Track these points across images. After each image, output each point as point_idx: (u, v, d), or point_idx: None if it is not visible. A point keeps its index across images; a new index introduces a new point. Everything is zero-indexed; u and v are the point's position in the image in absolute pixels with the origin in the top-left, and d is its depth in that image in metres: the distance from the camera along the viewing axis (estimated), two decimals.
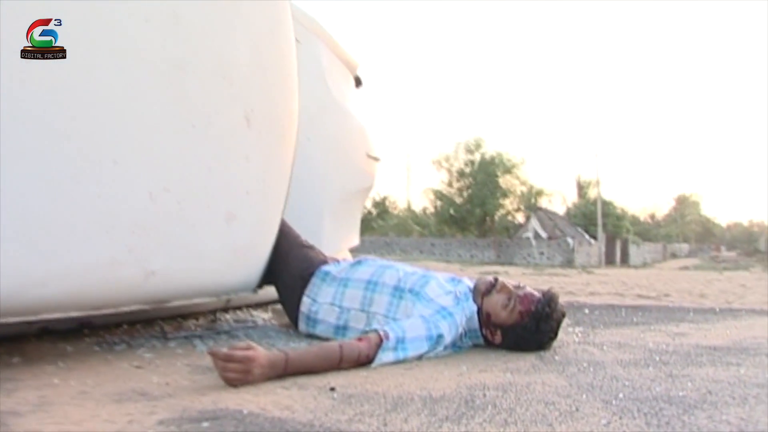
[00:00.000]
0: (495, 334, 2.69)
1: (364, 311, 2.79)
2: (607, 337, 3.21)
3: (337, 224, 4.31)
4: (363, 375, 2.14)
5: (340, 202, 4.33)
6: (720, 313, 4.67)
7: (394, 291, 2.77)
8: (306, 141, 3.61)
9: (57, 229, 1.98)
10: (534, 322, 2.62)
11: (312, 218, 3.92)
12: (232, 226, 2.57)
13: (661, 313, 4.62)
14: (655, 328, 3.64)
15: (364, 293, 2.82)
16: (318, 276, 2.96)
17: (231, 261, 2.67)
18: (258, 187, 2.71)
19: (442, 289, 2.73)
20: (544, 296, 2.67)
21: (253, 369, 1.94)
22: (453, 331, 2.58)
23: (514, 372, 2.26)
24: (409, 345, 2.41)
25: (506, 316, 2.64)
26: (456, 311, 2.63)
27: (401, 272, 2.86)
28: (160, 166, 2.24)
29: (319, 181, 4.00)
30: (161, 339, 2.79)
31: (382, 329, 2.39)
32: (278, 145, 2.85)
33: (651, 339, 3.14)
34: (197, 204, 2.40)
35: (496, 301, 2.66)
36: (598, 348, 2.82)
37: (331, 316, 2.84)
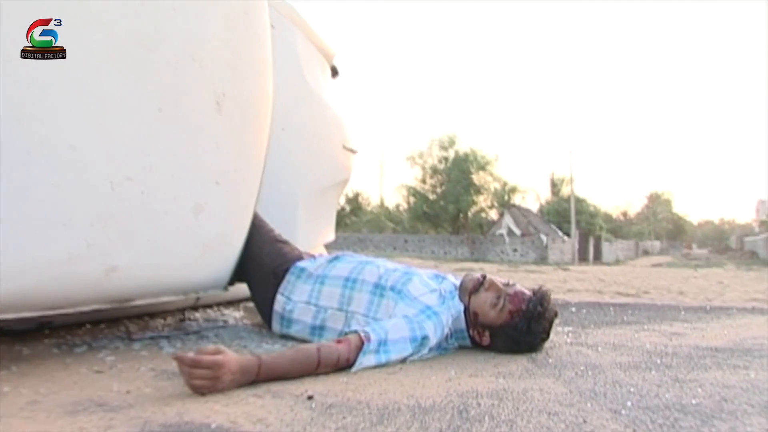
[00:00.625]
0: (483, 335, 2.54)
1: (342, 310, 2.62)
2: (600, 337, 3.07)
3: (312, 218, 4.13)
4: (343, 381, 1.97)
5: (315, 196, 4.14)
6: (712, 312, 4.55)
7: (375, 289, 2.61)
8: (280, 131, 3.46)
9: (6, 222, 1.78)
10: (525, 322, 2.47)
11: (286, 212, 3.74)
12: (200, 219, 2.38)
13: (651, 311, 4.48)
14: (649, 327, 3.51)
15: (342, 291, 2.65)
16: (293, 273, 2.79)
17: (199, 256, 2.48)
18: (229, 177, 2.53)
19: (426, 287, 2.56)
20: (536, 294, 2.52)
21: (222, 376, 1.77)
22: (438, 332, 2.42)
23: (507, 377, 2.10)
24: (391, 347, 2.24)
25: (495, 315, 2.48)
26: (441, 311, 2.47)
27: (382, 269, 2.69)
28: (123, 153, 2.04)
29: (293, 173, 3.82)
30: (125, 340, 2.61)
31: (362, 330, 2.22)
32: (251, 132, 2.67)
33: (647, 339, 3.01)
34: (163, 195, 2.20)
35: (484, 299, 2.51)
36: (593, 349, 2.68)
37: (306, 316, 2.67)
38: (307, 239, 3.96)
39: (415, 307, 2.43)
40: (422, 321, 2.36)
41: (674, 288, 8.96)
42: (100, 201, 1.99)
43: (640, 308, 4.76)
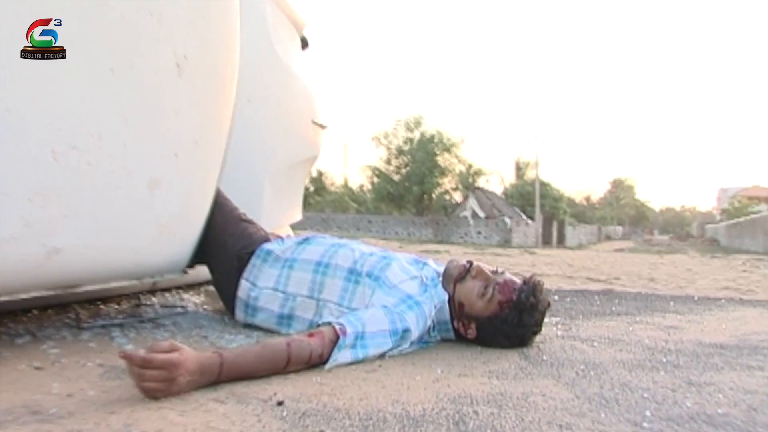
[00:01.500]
0: (469, 327, 2.33)
1: (312, 298, 2.39)
2: (593, 330, 2.88)
3: (278, 197, 3.88)
4: (316, 382, 1.74)
5: (282, 173, 3.89)
6: (701, 303, 4.40)
7: (349, 275, 2.38)
8: (246, 103, 3.21)
9: None
10: (516, 313, 2.27)
11: (251, 189, 3.52)
12: (156, 195, 2.12)
13: (639, 301, 4.31)
14: (641, 319, 3.33)
15: (313, 277, 2.42)
16: (258, 256, 2.54)
17: (155, 237, 2.22)
18: (189, 149, 2.27)
19: (405, 274, 2.34)
20: (527, 284, 2.32)
21: (177, 377, 1.52)
22: (421, 324, 2.20)
23: (501, 377, 1.89)
24: (369, 341, 2.02)
25: (483, 306, 2.27)
26: (424, 300, 2.25)
27: (357, 252, 2.46)
28: (67, 117, 1.78)
29: (259, 148, 3.57)
30: (74, 328, 2.35)
31: (337, 322, 1.99)
32: (215, 100, 2.41)
33: (643, 333, 2.83)
34: (113, 167, 1.94)
35: (470, 288, 2.30)
36: (588, 344, 2.48)
37: (273, 304, 2.43)
38: (273, 219, 3.73)
39: (395, 296, 2.21)
40: (403, 312, 2.15)
41: (644, 274, 8.91)
42: (40, 173, 1.72)
43: (626, 297, 4.61)
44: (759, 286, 7.25)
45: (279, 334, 2.39)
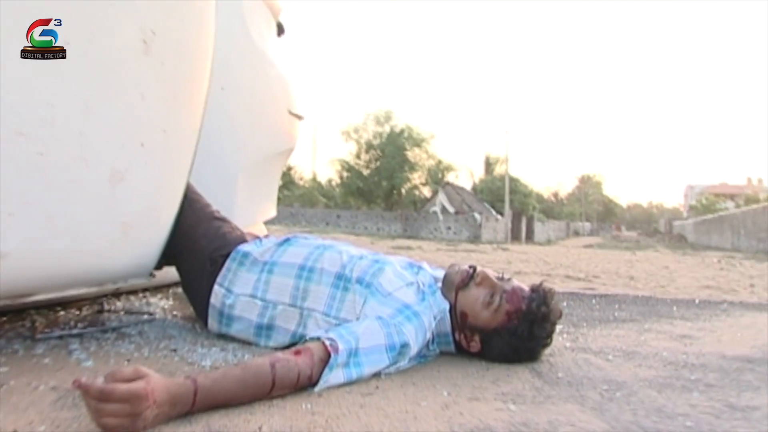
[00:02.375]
0: (472, 339, 2.10)
1: (295, 307, 2.13)
2: (602, 340, 2.66)
3: (252, 192, 3.62)
4: (307, 410, 1.49)
5: (256, 166, 3.63)
6: (705, 307, 4.20)
7: (337, 280, 2.13)
8: (219, 90, 2.96)
9: None
10: (526, 325, 2.04)
11: (223, 184, 3.25)
12: (118, 190, 1.86)
13: (640, 305, 4.11)
14: (650, 327, 3.12)
15: (295, 282, 2.16)
16: (234, 259, 2.28)
17: (117, 238, 1.95)
18: (156, 138, 2.00)
19: (401, 280, 2.10)
20: (537, 292, 2.10)
21: (143, 411, 1.27)
22: (420, 337, 1.97)
23: (517, 401, 1.66)
24: (364, 359, 1.78)
25: (489, 316, 2.05)
26: (422, 310, 2.01)
27: (345, 255, 2.21)
28: (14, 100, 1.52)
29: (233, 140, 3.32)
30: (28, 340, 2.09)
31: (327, 337, 1.74)
32: (186, 83, 2.15)
33: (657, 344, 2.61)
34: (69, 157, 1.68)
35: (475, 296, 2.07)
36: (603, 358, 2.26)
37: (251, 312, 2.17)
38: (247, 216, 3.48)
39: (391, 306, 1.97)
40: (400, 324, 1.91)
41: (623, 272, 8.77)
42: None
43: (625, 301, 4.40)
44: (739, 285, 7.19)
45: (257, 347, 2.14)
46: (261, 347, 2.14)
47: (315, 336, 1.77)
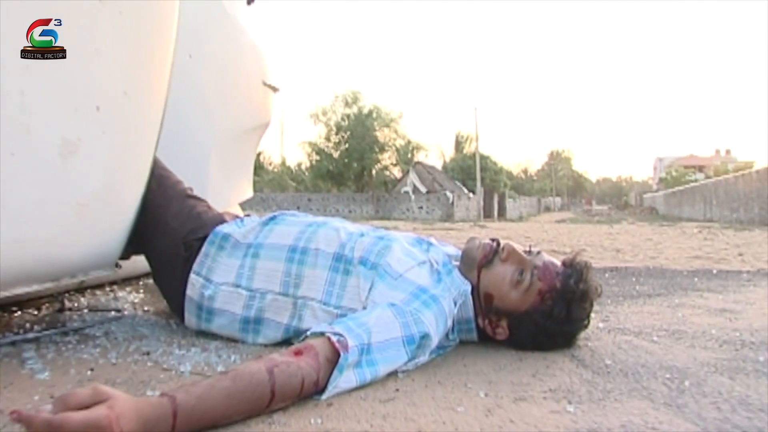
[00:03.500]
0: (498, 325, 1.81)
1: (288, 296, 1.82)
2: (636, 318, 2.39)
3: (226, 171, 3.30)
4: (318, 426, 1.18)
5: (230, 142, 3.30)
6: (723, 277, 3.97)
7: (336, 262, 1.82)
8: (188, 58, 2.70)
9: None
10: (562, 305, 1.75)
11: (194, 161, 2.95)
12: (71, 164, 1.54)
13: (656, 278, 3.86)
14: (681, 302, 2.85)
15: (286, 267, 1.84)
16: (212, 242, 1.95)
17: (71, 223, 1.63)
18: (116, 102, 1.68)
19: (411, 258, 1.81)
20: (572, 266, 1.82)
21: None
22: (441, 326, 1.67)
23: (572, 399, 1.36)
24: (378, 356, 1.47)
25: (518, 297, 1.76)
26: (441, 294, 1.72)
27: (342, 232, 1.90)
28: None
29: (203, 113, 3.02)
30: None
31: (333, 332, 1.42)
32: (149, 38, 1.83)
33: (700, 321, 2.35)
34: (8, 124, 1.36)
35: (501, 275, 1.78)
36: (647, 339, 1.99)
37: (235, 304, 1.86)
38: (221, 197, 3.16)
39: (404, 290, 1.67)
40: (417, 311, 1.60)
41: (607, 245, 8.59)
42: None
43: (640, 274, 4.14)
44: (728, 255, 7.06)
45: (244, 344, 1.83)
46: (249, 344, 1.83)
47: (318, 330, 1.45)
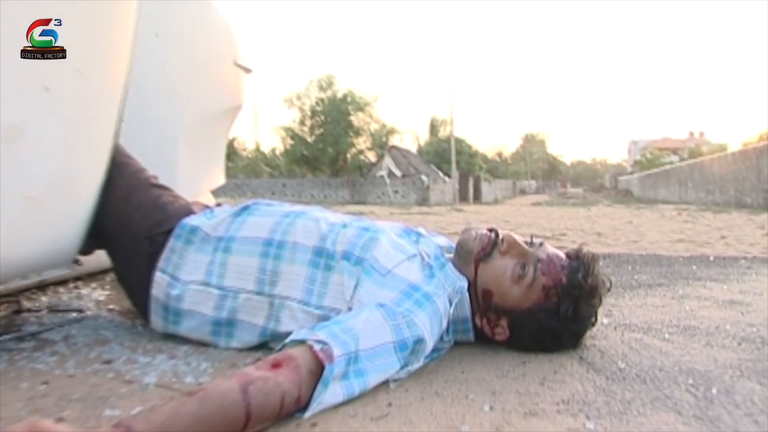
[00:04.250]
0: (497, 325, 1.65)
1: (263, 294, 1.64)
2: (641, 312, 2.23)
3: (197, 156, 3.10)
4: None
5: (200, 126, 3.11)
6: (721, 264, 3.83)
7: (316, 257, 1.64)
8: (153, 37, 2.56)
9: None
10: (569, 302, 1.59)
11: (162, 148, 2.78)
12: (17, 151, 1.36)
13: (652, 266, 3.71)
14: (685, 292, 2.69)
15: (261, 262, 1.66)
16: (179, 236, 1.76)
17: (19, 218, 1.45)
18: (68, 81, 1.50)
19: (400, 252, 1.64)
20: (579, 258, 1.65)
21: None
22: (436, 328, 1.51)
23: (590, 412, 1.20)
24: (368, 364, 1.30)
25: (520, 294, 1.59)
26: (434, 291, 1.55)
27: (323, 223, 1.72)
28: None
29: (171, 95, 2.83)
30: None
31: (315, 339, 1.25)
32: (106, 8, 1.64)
33: (711, 314, 2.19)
34: None
35: (501, 269, 1.61)
36: (658, 337, 1.84)
37: (205, 305, 1.67)
38: (192, 184, 2.99)
39: (393, 288, 1.50)
40: (410, 312, 1.44)
41: (587, 228, 8.53)
42: None
43: (636, 262, 3.98)
44: (711, 238, 7.04)
45: (216, 349, 1.66)
46: (222, 349, 1.66)
47: (298, 338, 1.28)
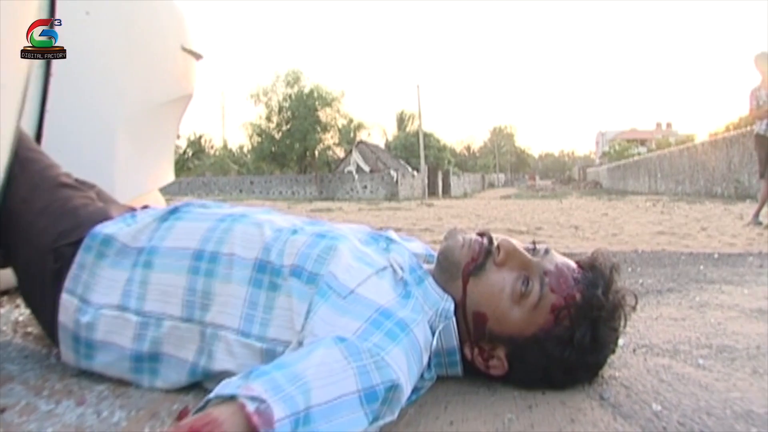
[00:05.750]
0: (492, 356, 1.31)
1: (193, 322, 1.29)
2: (660, 328, 1.90)
3: (139, 151, 2.76)
4: None
5: (142, 117, 2.76)
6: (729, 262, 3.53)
7: (258, 273, 1.29)
8: (84, 16, 2.33)
9: None
10: (587, 326, 1.25)
11: (96, 140, 2.47)
12: None
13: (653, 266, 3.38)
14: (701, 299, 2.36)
15: (190, 281, 1.31)
16: (89, 248, 1.40)
17: None
18: None
19: (366, 265, 1.29)
20: (594, 268, 1.32)
21: None
22: (415, 366, 1.17)
23: None
24: (323, 426, 0.94)
25: (523, 317, 1.26)
26: (412, 316, 1.21)
27: (267, 229, 1.36)
28: None
29: (107, 82, 2.51)
30: None
31: (248, 395, 0.91)
32: None
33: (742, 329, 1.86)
34: None
35: (498, 285, 1.28)
36: (689, 362, 1.52)
37: (122, 335, 1.32)
38: (133, 181, 2.69)
39: (358, 315, 1.16)
40: (380, 349, 1.09)
41: (563, 221, 8.32)
42: None
43: (634, 260, 3.65)
44: (692, 230, 6.87)
45: (139, 389, 1.32)
46: (145, 390, 1.32)
47: (225, 392, 0.93)
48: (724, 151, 19.06)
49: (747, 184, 16.49)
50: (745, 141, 16.52)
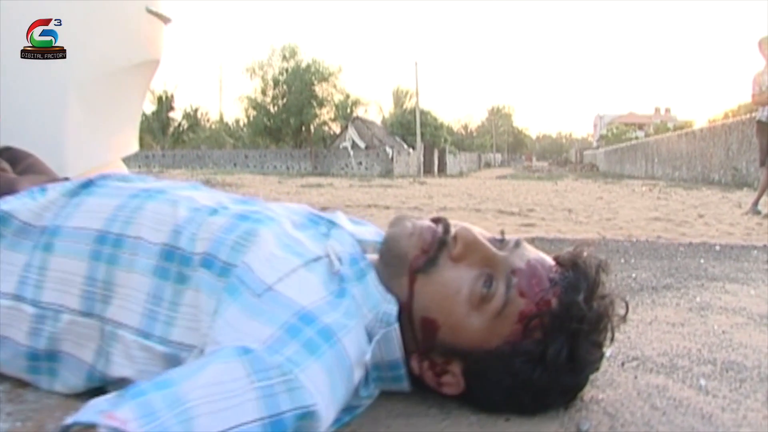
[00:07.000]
0: (445, 371, 1.08)
1: (93, 317, 1.07)
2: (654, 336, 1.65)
3: (95, 117, 2.57)
4: None
5: (98, 82, 2.57)
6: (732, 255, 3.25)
7: (164, 261, 1.07)
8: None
9: None
10: (563, 340, 1.02)
11: (43, 104, 2.31)
12: None
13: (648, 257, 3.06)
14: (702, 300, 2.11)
15: (90, 268, 1.10)
16: None
17: None
18: None
19: (293, 254, 1.05)
20: (575, 268, 1.07)
21: None
22: (341, 389, 0.94)
23: None
24: None
25: (484, 326, 1.03)
26: (342, 322, 0.98)
27: (182, 208, 1.14)
28: None
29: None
30: None
31: (108, 422, 0.70)
32: None
33: (750, 341, 1.62)
34: None
35: (452, 286, 1.04)
36: (688, 383, 1.26)
37: (17, 329, 1.10)
38: (88, 150, 2.53)
39: (272, 319, 0.93)
40: (294, 364, 0.86)
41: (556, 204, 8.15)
42: None
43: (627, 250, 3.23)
44: (689, 216, 6.73)
45: (37, 391, 1.12)
46: (44, 392, 1.12)
47: (85, 420, 0.72)
48: (723, 138, 18.90)
49: (745, 172, 16.34)
50: (744, 128, 16.38)
